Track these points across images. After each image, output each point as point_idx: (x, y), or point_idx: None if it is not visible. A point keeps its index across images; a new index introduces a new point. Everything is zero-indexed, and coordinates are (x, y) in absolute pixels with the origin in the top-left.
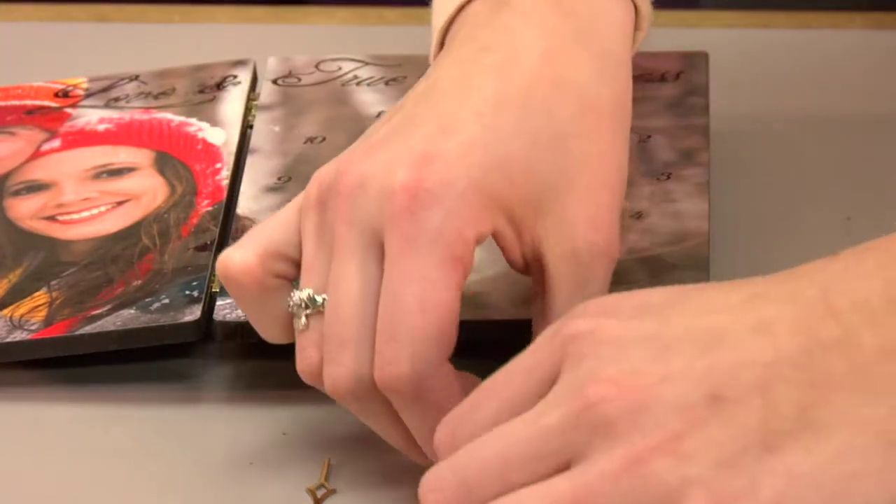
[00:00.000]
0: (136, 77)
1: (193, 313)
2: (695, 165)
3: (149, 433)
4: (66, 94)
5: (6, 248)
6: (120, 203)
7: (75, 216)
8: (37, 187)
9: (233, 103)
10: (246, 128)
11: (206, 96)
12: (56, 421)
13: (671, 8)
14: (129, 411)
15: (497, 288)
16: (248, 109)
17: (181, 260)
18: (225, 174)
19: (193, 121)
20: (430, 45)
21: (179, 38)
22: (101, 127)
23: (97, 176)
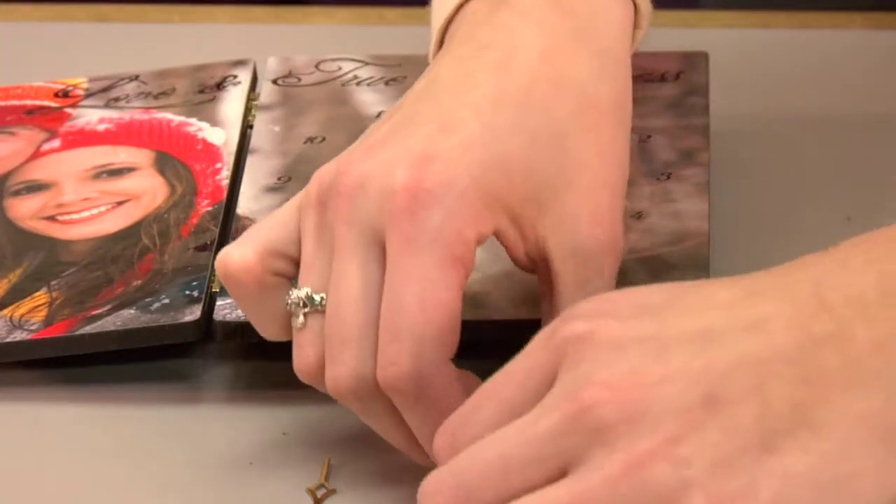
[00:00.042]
0: (136, 77)
1: (193, 313)
2: (695, 165)
3: (149, 433)
4: (66, 94)
5: (6, 248)
6: (120, 203)
7: (75, 216)
8: (37, 187)
9: (233, 103)
10: (246, 128)
11: (206, 96)
12: (56, 421)
13: (671, 8)
14: (129, 411)
15: (497, 288)
16: (248, 109)
17: (181, 260)
18: (225, 174)
19: (193, 121)
20: (430, 45)
21: (179, 38)
22: (101, 127)
23: (97, 176)
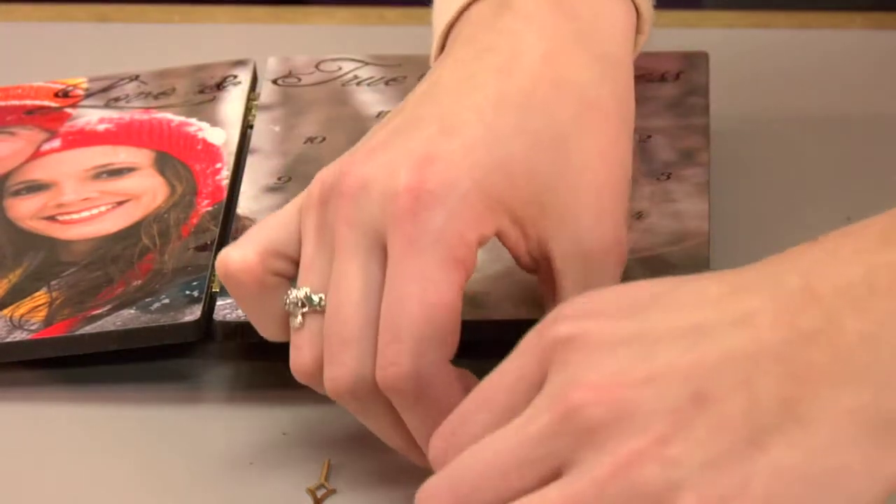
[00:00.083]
0: (136, 77)
1: (193, 313)
2: (695, 165)
3: (149, 433)
4: (66, 94)
5: (6, 248)
6: (120, 203)
7: (75, 216)
8: (37, 187)
9: (233, 103)
10: (246, 128)
11: (206, 96)
12: (56, 421)
13: (672, 8)
14: (129, 411)
15: (497, 288)
16: (248, 109)
17: (181, 260)
18: (225, 174)
19: (193, 121)
20: (431, 47)
21: (179, 38)
22: (101, 127)
23: (97, 176)
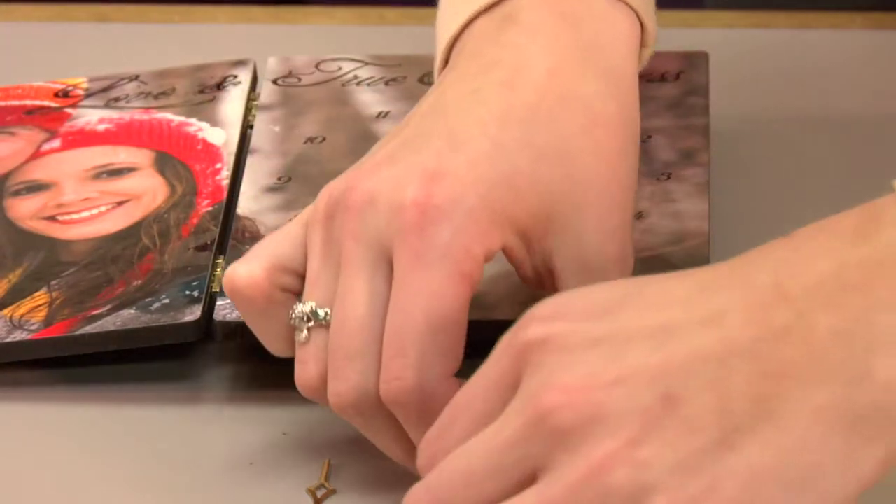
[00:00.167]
0: (136, 77)
1: (193, 313)
2: (695, 165)
3: (149, 433)
4: (66, 94)
5: (6, 248)
6: (120, 203)
7: (75, 216)
8: (37, 187)
9: (233, 103)
10: (246, 128)
11: (206, 96)
12: (56, 421)
13: (672, 8)
14: (129, 411)
15: (497, 288)
16: (248, 109)
17: (181, 260)
18: (225, 174)
19: (193, 121)
20: (436, 62)
21: (179, 38)
22: (101, 127)
23: (97, 176)
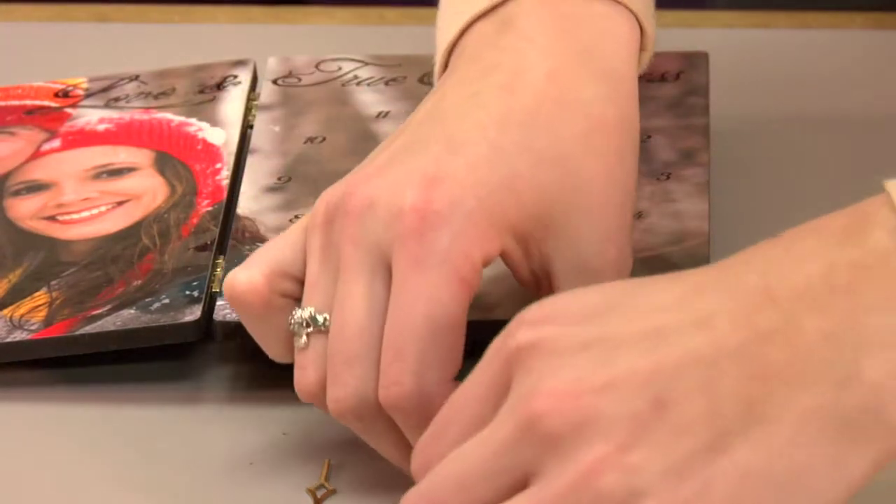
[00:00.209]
0: (136, 77)
1: (193, 313)
2: (695, 165)
3: (149, 433)
4: (66, 94)
5: (6, 248)
6: (120, 203)
7: (75, 216)
8: (37, 187)
9: (233, 103)
10: (246, 128)
11: (206, 96)
12: (56, 421)
13: (672, 8)
14: (129, 411)
15: (497, 288)
16: (248, 109)
17: (181, 260)
18: (225, 174)
19: (193, 121)
20: (435, 66)
21: (179, 38)
22: (101, 127)
23: (97, 176)
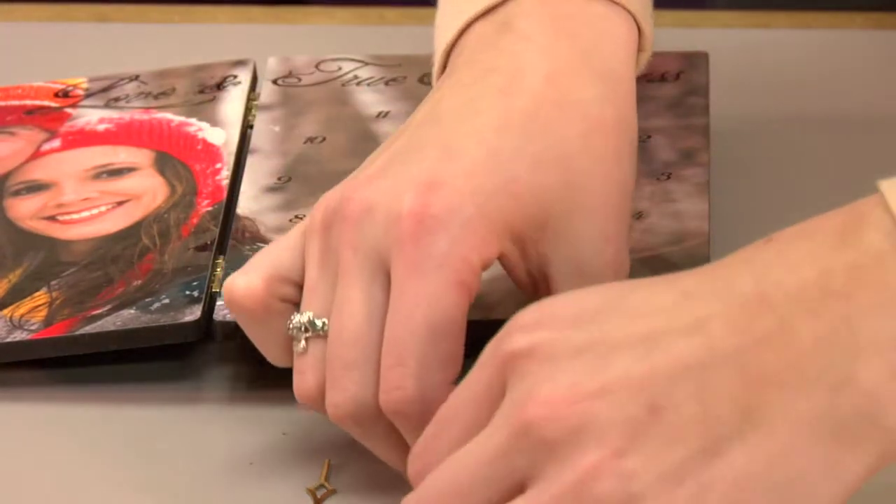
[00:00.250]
0: (136, 77)
1: (193, 313)
2: (695, 165)
3: (149, 433)
4: (66, 94)
5: (6, 248)
6: (120, 203)
7: (75, 216)
8: (37, 187)
9: (233, 103)
10: (246, 128)
11: (206, 96)
12: (56, 421)
13: (672, 8)
14: (129, 411)
15: (498, 288)
16: (248, 109)
17: (181, 260)
18: (225, 174)
19: (193, 121)
20: (433, 67)
21: (179, 38)
22: (101, 127)
23: (97, 176)
